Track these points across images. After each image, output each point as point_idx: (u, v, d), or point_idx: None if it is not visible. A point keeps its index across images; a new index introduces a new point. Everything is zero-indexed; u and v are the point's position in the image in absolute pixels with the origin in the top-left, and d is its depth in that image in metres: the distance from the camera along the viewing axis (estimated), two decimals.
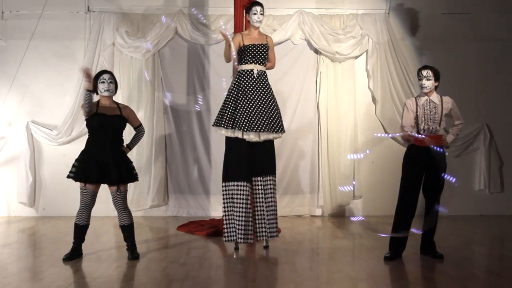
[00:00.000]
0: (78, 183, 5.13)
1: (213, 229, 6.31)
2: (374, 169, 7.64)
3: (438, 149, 5.08)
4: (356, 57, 7.61)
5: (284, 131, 5.65)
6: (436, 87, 5.17)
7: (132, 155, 5.36)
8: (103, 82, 5.13)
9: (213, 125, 5.68)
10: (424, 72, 5.10)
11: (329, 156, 7.51)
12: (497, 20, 7.68)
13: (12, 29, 7.48)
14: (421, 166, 5.11)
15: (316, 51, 7.57)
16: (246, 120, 5.41)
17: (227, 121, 5.47)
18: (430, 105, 5.13)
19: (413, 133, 5.08)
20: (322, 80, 7.54)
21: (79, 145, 7.18)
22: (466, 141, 7.62)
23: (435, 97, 5.16)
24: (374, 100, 7.64)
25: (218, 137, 7.27)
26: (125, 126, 5.28)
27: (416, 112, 5.13)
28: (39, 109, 7.49)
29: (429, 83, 5.09)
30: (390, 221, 5.30)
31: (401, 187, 5.20)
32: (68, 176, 5.09)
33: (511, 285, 4.50)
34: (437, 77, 5.13)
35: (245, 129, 5.40)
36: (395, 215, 5.23)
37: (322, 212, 7.60)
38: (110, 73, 5.25)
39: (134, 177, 5.23)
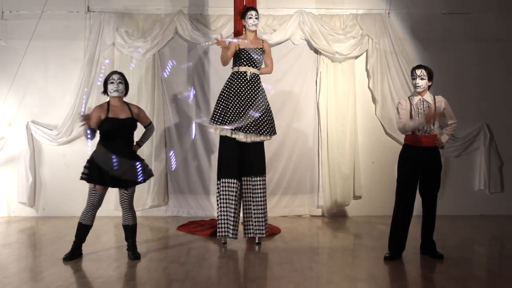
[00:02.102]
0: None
1: (213, 229, 6.31)
2: (374, 169, 7.64)
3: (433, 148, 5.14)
4: (356, 57, 7.61)
5: (274, 134, 5.78)
6: (429, 87, 5.18)
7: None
8: (112, 83, 5.12)
9: (209, 123, 5.81)
10: (418, 71, 5.11)
11: (329, 156, 7.51)
12: (497, 20, 7.68)
13: (12, 29, 7.48)
14: (416, 166, 5.11)
15: (316, 51, 7.57)
16: (235, 120, 5.54)
17: (217, 119, 5.62)
18: (423, 105, 5.13)
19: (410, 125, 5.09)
20: (322, 80, 7.54)
21: (79, 145, 7.25)
22: (466, 141, 7.63)
23: (428, 96, 5.17)
24: (374, 100, 7.64)
25: (218, 137, 7.28)
26: (136, 127, 5.27)
27: (410, 111, 5.13)
28: (39, 109, 7.49)
29: (422, 83, 5.10)
30: (390, 221, 5.30)
31: (398, 187, 5.21)
32: (81, 178, 5.07)
33: (511, 285, 4.50)
34: (430, 77, 5.14)
35: (234, 129, 5.56)
36: (393, 215, 5.23)
37: (322, 212, 7.60)
38: (120, 73, 5.22)
39: (149, 174, 5.24)
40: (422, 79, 5.10)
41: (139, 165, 5.13)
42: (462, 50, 7.67)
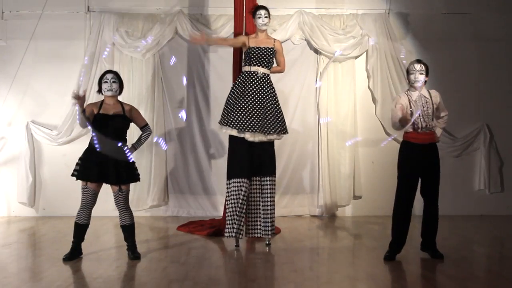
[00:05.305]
0: (78, 183, 5.13)
1: (213, 229, 6.31)
2: (374, 169, 7.64)
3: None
4: (356, 57, 7.62)
5: (286, 133, 5.75)
6: (425, 82, 5.18)
7: (132, 155, 5.35)
8: (106, 82, 5.14)
9: (219, 123, 5.76)
10: (417, 66, 5.11)
11: (329, 156, 7.51)
12: (497, 20, 7.68)
13: (12, 29, 7.48)
14: (416, 163, 5.10)
15: (316, 51, 7.57)
16: (249, 121, 5.52)
17: (232, 120, 5.56)
18: (422, 100, 5.13)
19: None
20: (322, 80, 7.54)
21: (79, 145, 7.20)
22: (466, 141, 7.62)
23: (425, 91, 5.18)
24: (374, 100, 7.64)
25: (218, 137, 7.29)
26: (128, 125, 5.28)
27: (410, 107, 5.12)
28: (39, 109, 7.49)
29: (422, 77, 5.11)
30: (390, 221, 5.29)
31: (398, 185, 5.19)
32: (72, 175, 5.10)
33: (511, 285, 4.50)
34: (427, 72, 5.15)
35: (247, 129, 5.51)
36: (394, 213, 5.21)
37: (322, 212, 7.60)
38: (114, 72, 5.26)
39: (135, 177, 5.23)
40: (421, 73, 5.10)
41: (126, 165, 5.13)
42: (462, 50, 7.67)
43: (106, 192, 5.33)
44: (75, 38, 7.49)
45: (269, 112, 5.63)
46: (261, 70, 5.66)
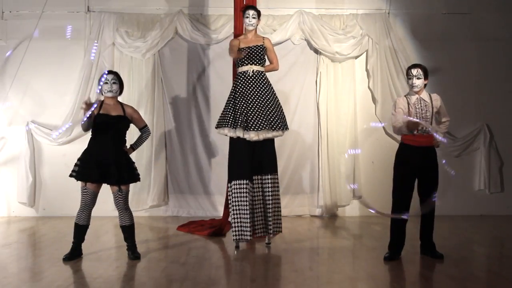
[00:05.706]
0: (78, 183, 5.13)
1: (213, 229, 6.31)
2: (374, 169, 7.64)
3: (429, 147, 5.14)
4: (356, 57, 7.61)
5: (286, 129, 5.72)
6: (425, 85, 5.17)
7: (132, 155, 5.36)
8: (106, 83, 5.14)
9: (216, 128, 5.73)
10: (414, 71, 5.10)
11: (329, 156, 7.51)
12: (497, 20, 7.68)
13: (12, 29, 7.48)
14: (413, 165, 5.10)
15: (316, 51, 7.57)
16: (245, 120, 5.50)
17: (228, 121, 5.56)
18: (421, 104, 5.13)
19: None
20: (322, 80, 7.54)
21: (79, 145, 7.19)
22: (466, 141, 7.62)
23: (425, 95, 5.16)
24: (374, 100, 7.64)
25: (218, 137, 7.28)
26: (128, 126, 5.29)
27: (408, 110, 5.11)
28: (39, 109, 7.48)
29: (419, 82, 5.09)
30: (389, 221, 5.29)
31: (394, 187, 5.19)
32: (71, 175, 5.10)
33: (511, 285, 4.50)
34: (426, 75, 5.13)
35: (245, 128, 5.48)
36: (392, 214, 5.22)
37: (322, 212, 7.60)
38: (115, 73, 5.26)
39: (135, 177, 5.24)
40: (418, 78, 5.09)
41: (126, 165, 5.14)
42: (462, 50, 7.67)
43: (106, 192, 5.33)
44: (75, 38, 7.46)
45: (271, 108, 5.61)
46: (252, 67, 5.63)
